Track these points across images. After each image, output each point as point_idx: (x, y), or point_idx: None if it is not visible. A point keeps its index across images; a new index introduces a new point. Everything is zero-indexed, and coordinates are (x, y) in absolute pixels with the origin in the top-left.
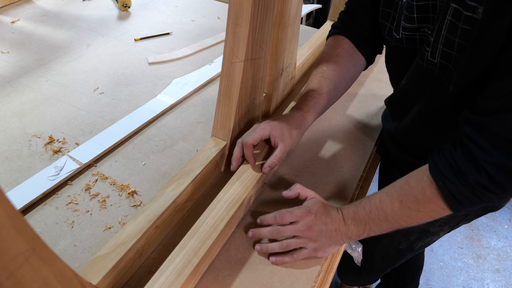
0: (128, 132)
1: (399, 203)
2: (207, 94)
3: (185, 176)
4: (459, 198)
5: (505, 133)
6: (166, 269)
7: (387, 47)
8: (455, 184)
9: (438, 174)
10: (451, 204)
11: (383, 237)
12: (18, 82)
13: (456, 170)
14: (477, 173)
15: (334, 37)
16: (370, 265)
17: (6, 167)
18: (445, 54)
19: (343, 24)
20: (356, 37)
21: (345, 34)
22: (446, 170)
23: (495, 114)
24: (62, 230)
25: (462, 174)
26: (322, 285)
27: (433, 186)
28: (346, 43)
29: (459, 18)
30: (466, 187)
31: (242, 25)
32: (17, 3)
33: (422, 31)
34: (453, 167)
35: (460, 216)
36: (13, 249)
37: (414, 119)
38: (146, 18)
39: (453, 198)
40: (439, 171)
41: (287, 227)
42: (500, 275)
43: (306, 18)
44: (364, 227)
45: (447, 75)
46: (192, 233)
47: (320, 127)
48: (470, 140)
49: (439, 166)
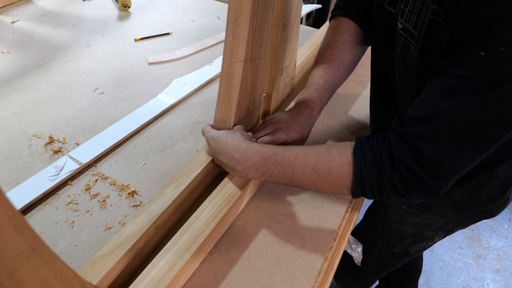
0: (128, 132)
1: (311, 168)
2: (207, 94)
3: (185, 176)
4: (366, 185)
5: (422, 143)
6: (156, 264)
7: (374, 24)
8: (370, 172)
9: (360, 156)
10: (355, 188)
11: (378, 241)
12: (18, 82)
13: (377, 161)
14: (392, 170)
15: (338, 20)
16: (366, 269)
17: (6, 167)
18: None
19: (347, 3)
20: (361, 17)
21: (349, 15)
22: (368, 156)
23: (412, 122)
24: (62, 230)
25: (380, 165)
26: (322, 285)
27: (350, 166)
28: (352, 28)
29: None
30: (377, 179)
31: (241, 25)
32: (17, 3)
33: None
34: (375, 158)
35: (455, 222)
36: (13, 249)
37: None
38: (146, 18)
39: (361, 183)
40: (362, 154)
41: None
42: (500, 275)
43: (306, 18)
44: (265, 171)
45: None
46: (184, 229)
47: (320, 127)
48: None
49: (363, 150)
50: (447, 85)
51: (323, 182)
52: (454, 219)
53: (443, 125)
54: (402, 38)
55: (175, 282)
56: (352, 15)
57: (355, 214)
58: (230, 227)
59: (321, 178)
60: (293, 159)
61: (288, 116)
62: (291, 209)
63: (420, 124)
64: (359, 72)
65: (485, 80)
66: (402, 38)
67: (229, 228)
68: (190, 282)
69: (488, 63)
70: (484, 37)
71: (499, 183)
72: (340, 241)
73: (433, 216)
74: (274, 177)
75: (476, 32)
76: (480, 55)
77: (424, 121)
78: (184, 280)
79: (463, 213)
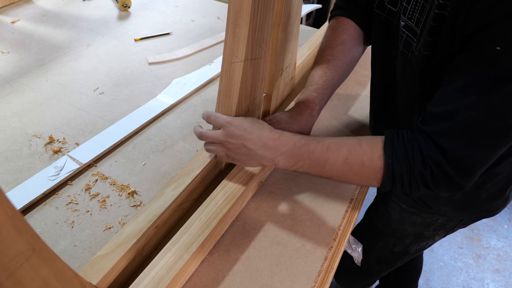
0: (128, 132)
1: (343, 159)
2: (207, 94)
3: (185, 176)
4: (397, 179)
5: (446, 140)
6: (156, 264)
7: (375, 23)
8: (402, 167)
9: (391, 151)
10: (385, 181)
11: (378, 240)
12: (18, 82)
13: (408, 155)
14: (423, 165)
15: (338, 20)
16: (366, 268)
17: (6, 167)
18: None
19: (346, 3)
20: (361, 16)
21: (349, 15)
22: (399, 152)
23: (436, 121)
24: (62, 230)
25: (412, 161)
26: (322, 285)
27: (382, 160)
28: (351, 27)
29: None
30: (408, 174)
31: (241, 25)
32: (17, 3)
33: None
34: (407, 153)
35: (455, 221)
36: (13, 249)
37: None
38: (146, 18)
39: (392, 177)
40: (393, 149)
41: (209, 132)
42: (500, 275)
43: (306, 18)
44: (296, 162)
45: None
46: (184, 229)
47: (320, 127)
48: (420, 134)
49: (394, 145)
50: (465, 81)
51: (354, 175)
52: (454, 218)
53: (464, 122)
54: (404, 36)
55: (175, 282)
56: (352, 15)
57: (355, 214)
58: (230, 227)
59: (353, 170)
60: (326, 150)
61: (288, 117)
62: (291, 209)
63: (441, 121)
64: (359, 72)
65: (501, 75)
66: (404, 36)
67: (229, 228)
68: (190, 282)
69: (503, 58)
70: (497, 33)
71: (499, 181)
72: (340, 241)
73: (434, 215)
74: (306, 166)
75: (488, 27)
76: (496, 50)
77: (445, 119)
78: (184, 280)
79: (464, 212)
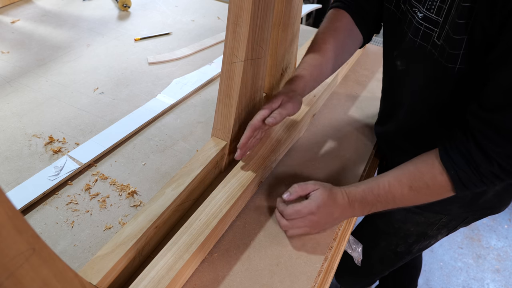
0: (128, 132)
1: (408, 189)
2: (207, 94)
3: (185, 176)
4: (467, 184)
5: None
6: (156, 264)
7: (385, 19)
8: (467, 172)
9: (450, 162)
10: (458, 189)
11: (380, 240)
12: (18, 82)
13: (469, 159)
14: (489, 163)
15: (335, 11)
16: (368, 268)
17: (6, 167)
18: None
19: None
20: (357, 12)
21: (346, 8)
22: (458, 159)
23: (499, 112)
24: (62, 230)
25: (474, 163)
26: (322, 285)
27: (444, 174)
28: (345, 18)
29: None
30: (476, 175)
31: (242, 25)
32: (17, 3)
33: None
34: (466, 157)
35: (458, 220)
36: (13, 249)
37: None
38: (146, 18)
39: (461, 184)
40: (451, 160)
41: (295, 223)
42: (500, 275)
43: (306, 18)
44: (370, 208)
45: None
46: (184, 229)
47: (320, 127)
48: (480, 132)
49: (450, 155)
50: None
51: (424, 196)
52: (458, 216)
53: None
54: (422, 28)
55: (175, 282)
56: (349, 9)
57: None
58: (230, 227)
59: (421, 193)
60: (388, 188)
61: (288, 90)
62: None
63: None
64: (359, 72)
65: None
66: (422, 28)
67: (229, 228)
68: (190, 282)
69: None
70: None
71: None
72: (340, 241)
73: (437, 215)
74: (380, 208)
75: None
76: None
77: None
78: (184, 280)
79: (469, 209)
